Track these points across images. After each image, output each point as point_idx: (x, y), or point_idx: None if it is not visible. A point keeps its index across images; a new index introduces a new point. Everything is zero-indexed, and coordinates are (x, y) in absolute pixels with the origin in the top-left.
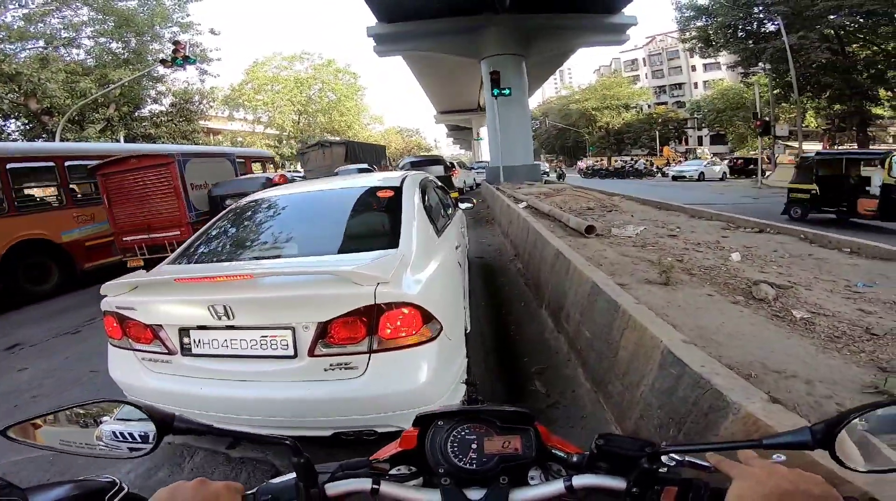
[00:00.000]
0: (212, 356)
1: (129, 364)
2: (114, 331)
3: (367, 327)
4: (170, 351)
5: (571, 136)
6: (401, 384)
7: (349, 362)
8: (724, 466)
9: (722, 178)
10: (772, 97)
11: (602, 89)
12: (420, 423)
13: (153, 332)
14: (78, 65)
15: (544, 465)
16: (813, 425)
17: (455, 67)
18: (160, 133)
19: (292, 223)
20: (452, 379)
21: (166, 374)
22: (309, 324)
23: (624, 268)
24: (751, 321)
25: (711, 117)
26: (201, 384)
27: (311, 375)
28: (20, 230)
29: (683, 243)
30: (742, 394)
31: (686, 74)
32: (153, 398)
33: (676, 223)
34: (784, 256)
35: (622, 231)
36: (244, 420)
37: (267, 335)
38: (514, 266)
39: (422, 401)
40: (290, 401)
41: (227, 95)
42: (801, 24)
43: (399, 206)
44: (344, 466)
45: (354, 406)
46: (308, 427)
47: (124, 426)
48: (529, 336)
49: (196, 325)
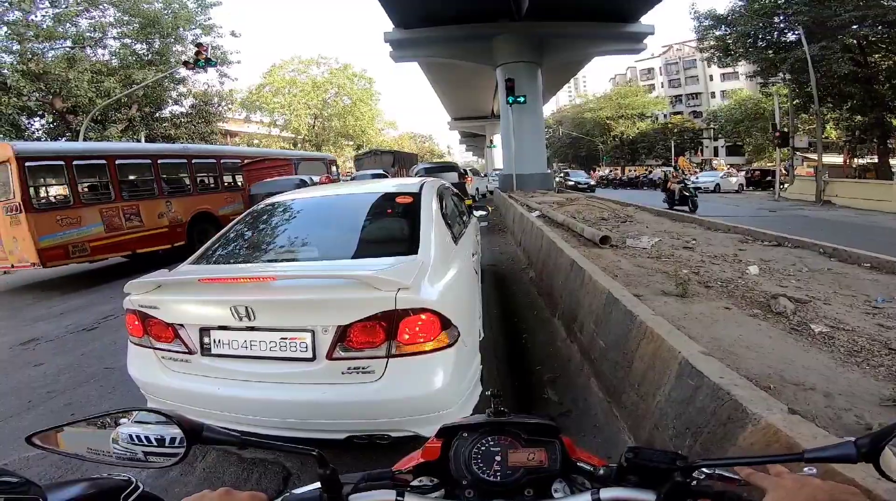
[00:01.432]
0: (231, 357)
1: (149, 363)
2: (135, 329)
3: (387, 332)
4: (190, 351)
5: (585, 145)
6: (417, 389)
7: (367, 366)
8: (756, 479)
9: (738, 190)
10: (791, 108)
11: (617, 98)
12: (444, 434)
13: (174, 331)
14: (103, 65)
15: (569, 478)
16: (858, 439)
17: (469, 73)
18: (179, 134)
19: (312, 227)
20: (468, 385)
21: (185, 373)
22: (328, 327)
23: (639, 279)
24: (769, 334)
25: (728, 128)
26: (219, 385)
27: (328, 378)
28: (197, 205)
29: (700, 256)
30: (762, 405)
31: (703, 83)
32: (171, 396)
33: (692, 235)
34: (802, 269)
35: (637, 242)
36: (260, 421)
37: (286, 337)
38: (526, 275)
39: (437, 407)
40: (306, 403)
41: (245, 98)
42: (823, 35)
43: (418, 212)
44: (367, 477)
45: (370, 411)
46: (322, 430)
47: (152, 434)
48: (542, 345)
49: (217, 325)
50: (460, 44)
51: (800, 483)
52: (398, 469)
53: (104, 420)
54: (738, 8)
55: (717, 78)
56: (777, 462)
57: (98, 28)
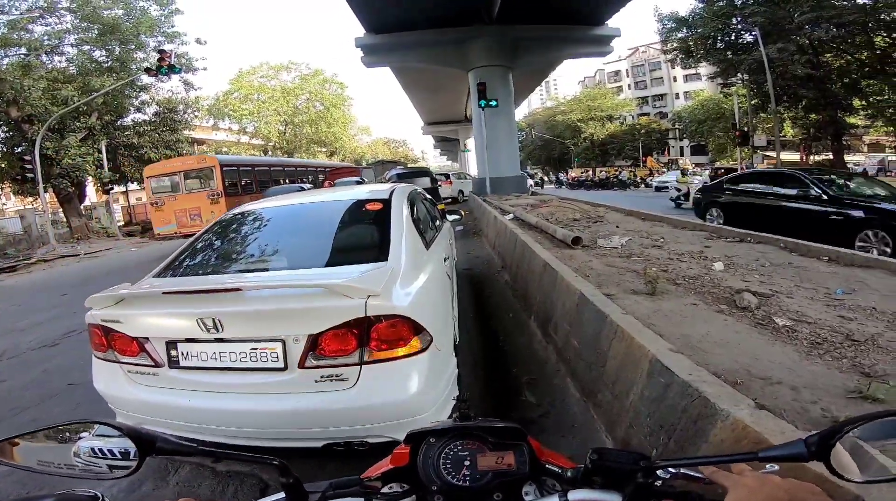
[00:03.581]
0: (200, 369)
1: (115, 376)
2: (99, 344)
3: (358, 339)
4: (157, 364)
5: (557, 147)
6: (392, 395)
7: (340, 374)
8: (719, 477)
9: None
10: (750, 108)
11: (587, 100)
12: (411, 440)
13: (139, 345)
14: (60, 72)
15: (538, 480)
16: (808, 437)
17: (442, 78)
18: (143, 142)
19: (281, 236)
20: (443, 390)
21: (153, 386)
22: (299, 337)
23: (610, 279)
24: (735, 330)
25: (692, 128)
26: (189, 397)
27: (301, 387)
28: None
29: (668, 254)
30: (730, 401)
31: (668, 84)
32: (139, 409)
33: (660, 234)
34: (765, 264)
35: (608, 242)
36: (234, 432)
37: (257, 348)
38: (501, 278)
39: (413, 412)
40: (280, 413)
41: (212, 105)
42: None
43: (388, 218)
44: (334, 485)
45: (346, 417)
46: (299, 438)
47: (105, 445)
48: (518, 347)
49: (184, 337)
50: (433, 48)
51: (760, 482)
52: (367, 476)
53: (57, 433)
54: (699, 10)
55: (680, 79)
56: (734, 461)
57: (54, 35)
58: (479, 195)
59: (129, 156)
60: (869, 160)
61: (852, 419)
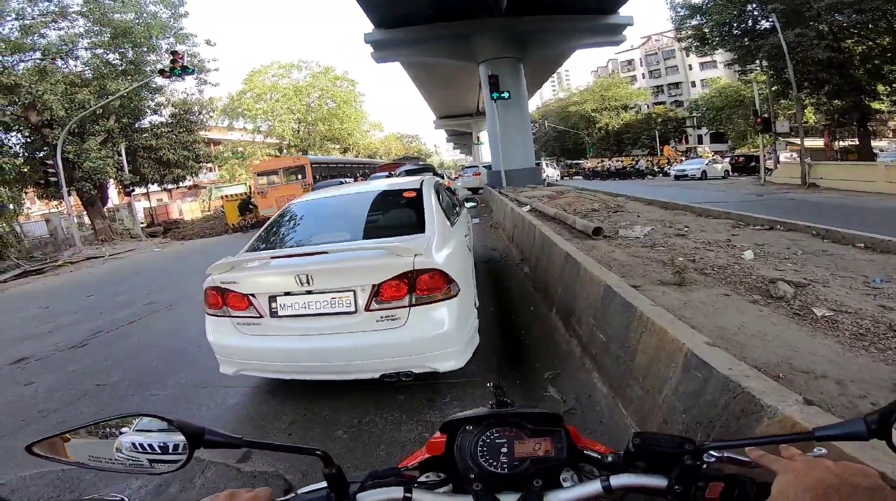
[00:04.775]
0: (294, 316)
1: (225, 329)
2: (213, 303)
3: (408, 287)
4: (260, 315)
5: (571, 138)
6: (432, 330)
7: (394, 314)
8: (766, 461)
9: (724, 176)
10: (770, 94)
11: (600, 90)
12: (447, 428)
13: (248, 300)
14: (77, 76)
15: (577, 466)
16: (867, 415)
17: (453, 72)
18: (161, 144)
19: (341, 217)
20: (468, 331)
21: (256, 334)
22: (366, 286)
23: (635, 269)
24: (771, 321)
25: (710, 115)
26: (284, 340)
27: (366, 326)
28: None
29: (693, 243)
30: (776, 397)
31: (683, 72)
32: (244, 355)
33: (684, 223)
34: (797, 253)
35: (630, 232)
36: (315, 368)
37: (335, 296)
38: (521, 270)
39: (447, 344)
40: (350, 348)
41: (226, 105)
42: (797, 21)
43: (421, 202)
44: (373, 475)
45: (398, 350)
46: (361, 371)
47: (155, 441)
48: (541, 341)
49: (282, 292)
50: (441, 42)
51: (810, 465)
52: (404, 465)
53: (105, 428)
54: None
55: (696, 67)
56: (787, 441)
57: (68, 39)
58: (494, 187)
59: (148, 158)
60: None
61: None
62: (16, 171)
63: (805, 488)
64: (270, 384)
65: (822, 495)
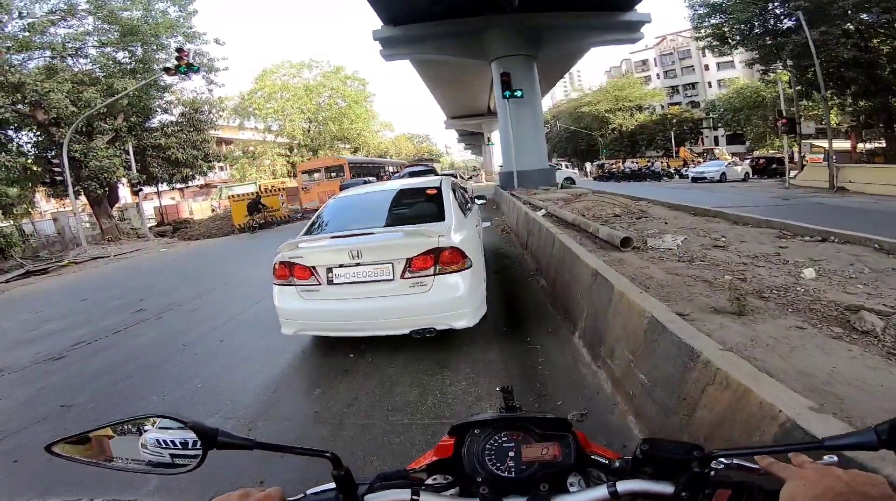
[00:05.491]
0: (346, 284)
1: (290, 295)
2: (281, 275)
3: (433, 260)
4: (320, 283)
5: (584, 138)
6: (451, 294)
7: (423, 282)
8: (776, 468)
9: (744, 178)
10: (795, 94)
11: (614, 90)
12: (456, 432)
13: (311, 271)
14: (85, 75)
15: (584, 472)
16: (877, 425)
17: (463, 70)
18: (170, 143)
19: (378, 208)
20: (479, 297)
21: (316, 299)
22: (401, 260)
23: (677, 291)
24: (867, 364)
25: (728, 116)
26: (337, 303)
27: (401, 291)
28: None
29: (737, 257)
30: None
31: (699, 73)
32: (304, 316)
33: (719, 232)
34: (864, 271)
35: (661, 242)
36: (361, 325)
37: (378, 267)
38: (536, 282)
39: (462, 306)
40: (389, 308)
41: (237, 104)
42: (822, 20)
43: (441, 197)
44: (381, 476)
45: (424, 310)
46: (396, 327)
47: (169, 440)
48: (562, 370)
49: (338, 264)
50: (452, 39)
51: (820, 473)
52: (411, 467)
53: (122, 428)
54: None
55: (713, 67)
56: (795, 449)
57: (76, 38)
58: (504, 189)
59: (157, 157)
60: None
61: None
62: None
63: (814, 496)
64: (251, 417)
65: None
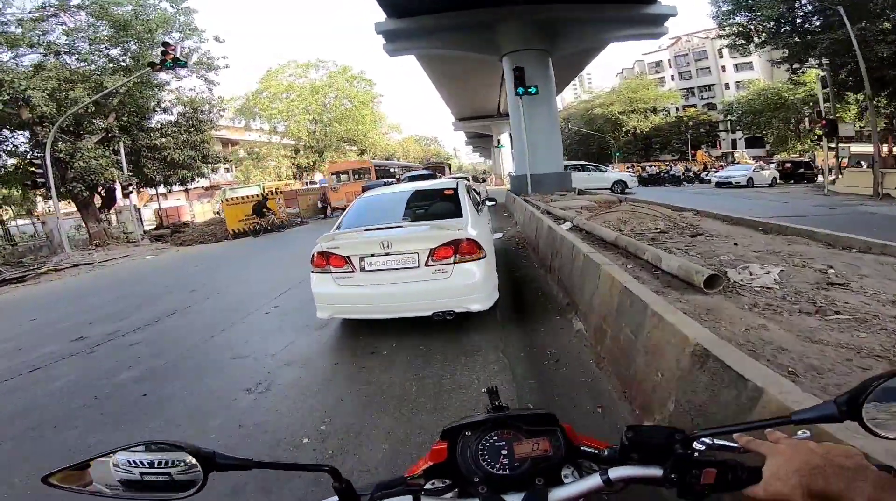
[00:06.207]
0: (376, 271)
1: (327, 282)
2: (319, 263)
3: (453, 250)
4: (353, 270)
5: (595, 141)
6: (469, 280)
7: (444, 269)
8: (754, 445)
9: (772, 184)
10: (832, 94)
11: (627, 92)
12: (448, 436)
13: (346, 260)
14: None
15: (576, 462)
16: (837, 397)
17: (473, 68)
18: (166, 143)
19: (403, 206)
20: (492, 284)
21: (350, 285)
22: (425, 250)
23: (843, 378)
24: None
25: (747, 119)
26: (369, 288)
27: (425, 277)
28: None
29: (878, 303)
30: None
31: (716, 74)
32: (339, 299)
33: (817, 258)
34: None
35: (748, 276)
36: (389, 307)
37: (405, 256)
38: (570, 324)
39: (478, 290)
40: (414, 292)
41: (242, 105)
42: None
43: (458, 197)
44: (381, 486)
45: (445, 294)
46: (420, 309)
47: (168, 465)
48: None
49: (370, 253)
50: (460, 32)
51: (796, 448)
52: (409, 474)
53: (120, 456)
54: None
55: (730, 69)
56: (769, 426)
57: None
58: (518, 194)
59: (152, 158)
60: None
61: (879, 375)
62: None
63: (794, 470)
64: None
65: (808, 475)
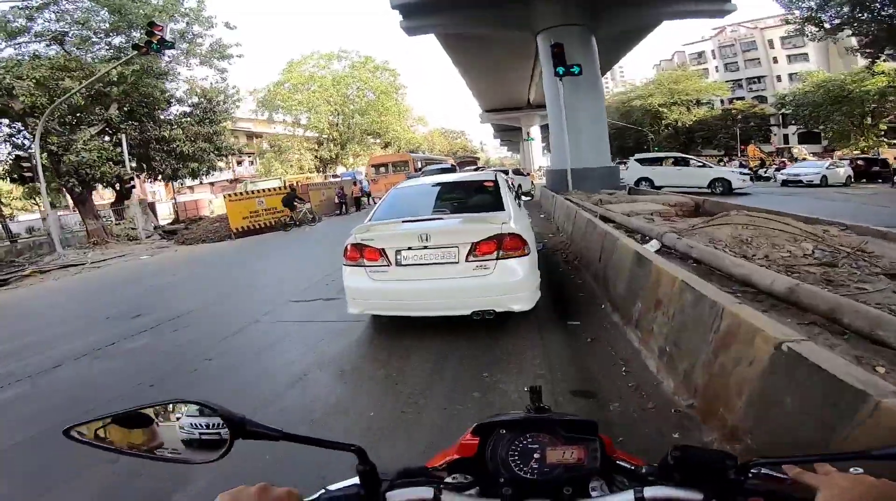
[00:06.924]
0: (413, 265)
1: (360, 276)
2: (352, 257)
3: (496, 246)
4: (389, 264)
5: (632, 135)
6: (512, 277)
7: (486, 265)
8: (806, 478)
9: (846, 183)
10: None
11: (669, 83)
12: (480, 432)
13: (381, 253)
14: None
15: (608, 477)
16: None
17: (500, 52)
18: (176, 135)
19: (440, 198)
20: (535, 282)
21: (384, 279)
22: (466, 244)
23: None
24: None
25: (804, 112)
26: (405, 283)
27: (465, 273)
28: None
29: None
30: None
31: (767, 66)
32: (372, 295)
33: None
34: None
35: None
36: (427, 305)
37: (445, 250)
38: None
39: (521, 289)
40: (453, 289)
41: (264, 96)
42: None
43: (499, 189)
44: (402, 473)
45: (486, 292)
46: (458, 308)
47: (195, 427)
48: None
49: (406, 247)
50: (487, 7)
51: (852, 482)
52: (432, 465)
53: (146, 414)
54: None
55: (782, 60)
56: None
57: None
58: (557, 192)
59: (161, 150)
60: None
61: None
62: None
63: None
64: None
65: None
